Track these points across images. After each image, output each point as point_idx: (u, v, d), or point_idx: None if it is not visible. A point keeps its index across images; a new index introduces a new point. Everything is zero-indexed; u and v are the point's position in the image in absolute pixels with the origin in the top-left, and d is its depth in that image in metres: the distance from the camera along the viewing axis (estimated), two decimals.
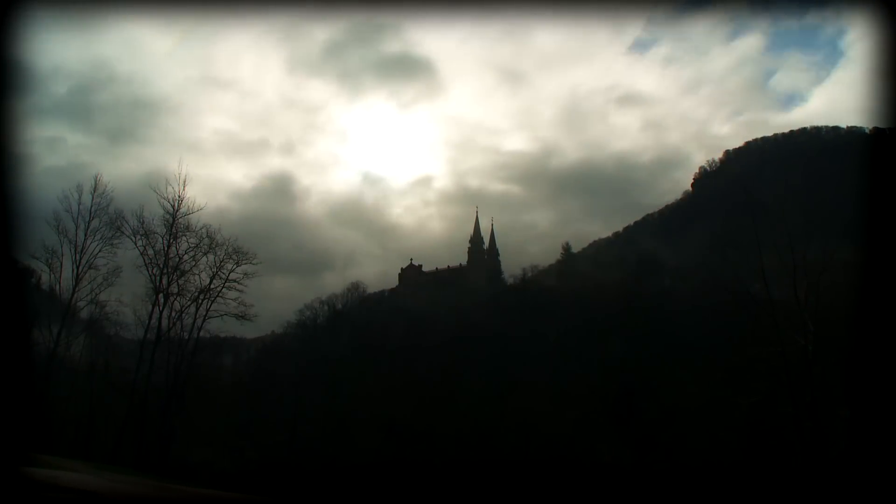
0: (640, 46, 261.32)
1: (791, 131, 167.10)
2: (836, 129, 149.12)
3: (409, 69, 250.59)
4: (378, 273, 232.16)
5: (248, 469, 54.49)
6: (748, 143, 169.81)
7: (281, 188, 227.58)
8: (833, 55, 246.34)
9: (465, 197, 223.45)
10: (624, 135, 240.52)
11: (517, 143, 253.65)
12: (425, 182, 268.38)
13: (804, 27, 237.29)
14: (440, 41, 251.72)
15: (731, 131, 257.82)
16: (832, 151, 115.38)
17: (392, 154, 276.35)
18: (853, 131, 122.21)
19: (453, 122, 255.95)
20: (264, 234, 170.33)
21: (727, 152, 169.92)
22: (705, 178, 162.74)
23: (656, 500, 44.32)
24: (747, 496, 38.33)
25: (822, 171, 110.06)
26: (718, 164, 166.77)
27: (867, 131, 59.50)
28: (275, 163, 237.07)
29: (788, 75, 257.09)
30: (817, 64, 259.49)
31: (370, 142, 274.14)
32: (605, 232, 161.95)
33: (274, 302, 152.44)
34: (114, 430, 47.04)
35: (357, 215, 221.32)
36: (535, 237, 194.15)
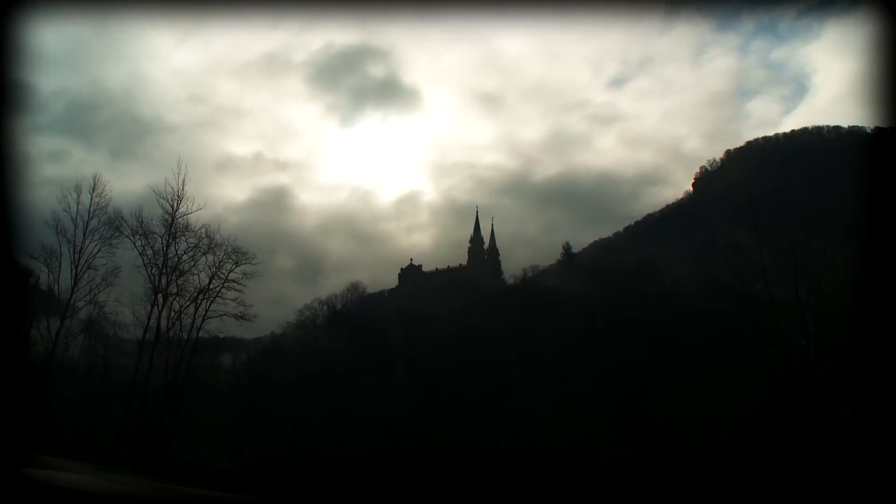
0: (617, 82, 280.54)
1: (792, 131, 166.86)
2: (837, 128, 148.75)
3: (397, 93, 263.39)
4: (375, 277, 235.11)
5: (247, 470, 54.43)
6: (749, 143, 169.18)
7: (276, 201, 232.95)
8: (799, 90, 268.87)
9: (454, 208, 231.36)
10: (605, 153, 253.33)
11: (501, 159, 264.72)
12: (416, 195, 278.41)
13: (772, 63, 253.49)
14: (427, 68, 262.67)
15: (708, 147, 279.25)
16: (833, 151, 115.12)
17: (382, 170, 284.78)
18: (854, 131, 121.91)
19: (439, 140, 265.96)
20: (261, 242, 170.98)
21: (728, 152, 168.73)
22: (706, 178, 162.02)
23: (657, 501, 44.19)
24: (748, 497, 38.22)
25: (824, 170, 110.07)
26: (719, 164, 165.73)
27: (868, 131, 59.35)
28: (269, 178, 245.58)
29: (760, 104, 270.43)
30: (785, 97, 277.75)
31: (361, 158, 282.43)
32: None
33: (271, 305, 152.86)
34: (112, 431, 46.99)
35: (350, 226, 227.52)
36: (525, 244, 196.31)
